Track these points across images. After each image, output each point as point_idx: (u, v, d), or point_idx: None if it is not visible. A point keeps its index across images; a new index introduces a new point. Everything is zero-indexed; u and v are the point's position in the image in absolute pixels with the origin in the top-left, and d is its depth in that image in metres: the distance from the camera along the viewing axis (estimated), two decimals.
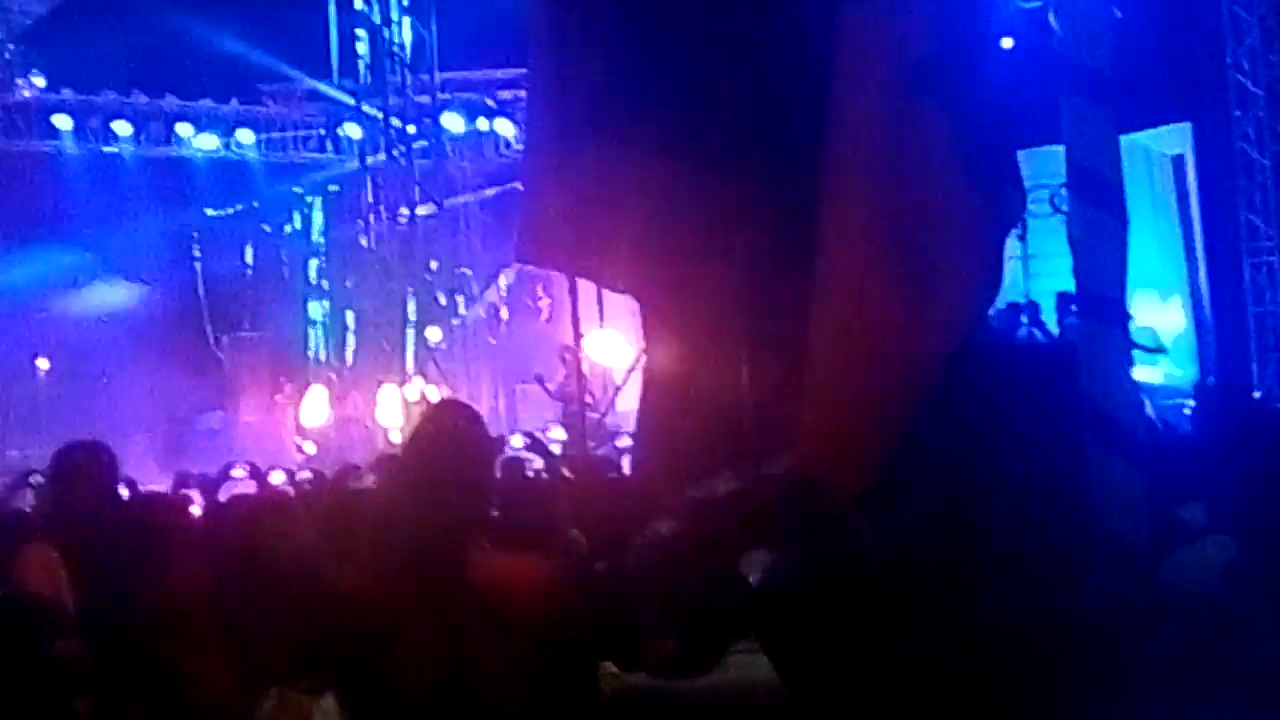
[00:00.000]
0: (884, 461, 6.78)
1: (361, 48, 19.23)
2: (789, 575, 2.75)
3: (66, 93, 20.17)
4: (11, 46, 19.13)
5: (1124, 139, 5.39)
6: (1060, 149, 5.30)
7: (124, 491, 6.19)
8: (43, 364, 21.72)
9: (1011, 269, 10.05)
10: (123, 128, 20.49)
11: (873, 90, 7.00)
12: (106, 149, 20.63)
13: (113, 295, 21.79)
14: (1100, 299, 5.13)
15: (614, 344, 17.83)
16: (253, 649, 3.21)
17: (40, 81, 19.82)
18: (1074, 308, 6.00)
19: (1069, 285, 5.59)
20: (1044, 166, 8.67)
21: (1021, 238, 12.79)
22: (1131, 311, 5.42)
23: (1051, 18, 8.05)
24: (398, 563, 4.04)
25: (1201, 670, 3.28)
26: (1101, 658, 2.43)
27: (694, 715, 3.67)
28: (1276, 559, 3.64)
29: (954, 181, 7.08)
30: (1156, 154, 15.30)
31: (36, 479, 6.01)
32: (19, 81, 19.64)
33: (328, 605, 3.39)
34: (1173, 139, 15.29)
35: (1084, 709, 2.36)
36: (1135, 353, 6.07)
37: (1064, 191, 5.44)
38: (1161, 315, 14.85)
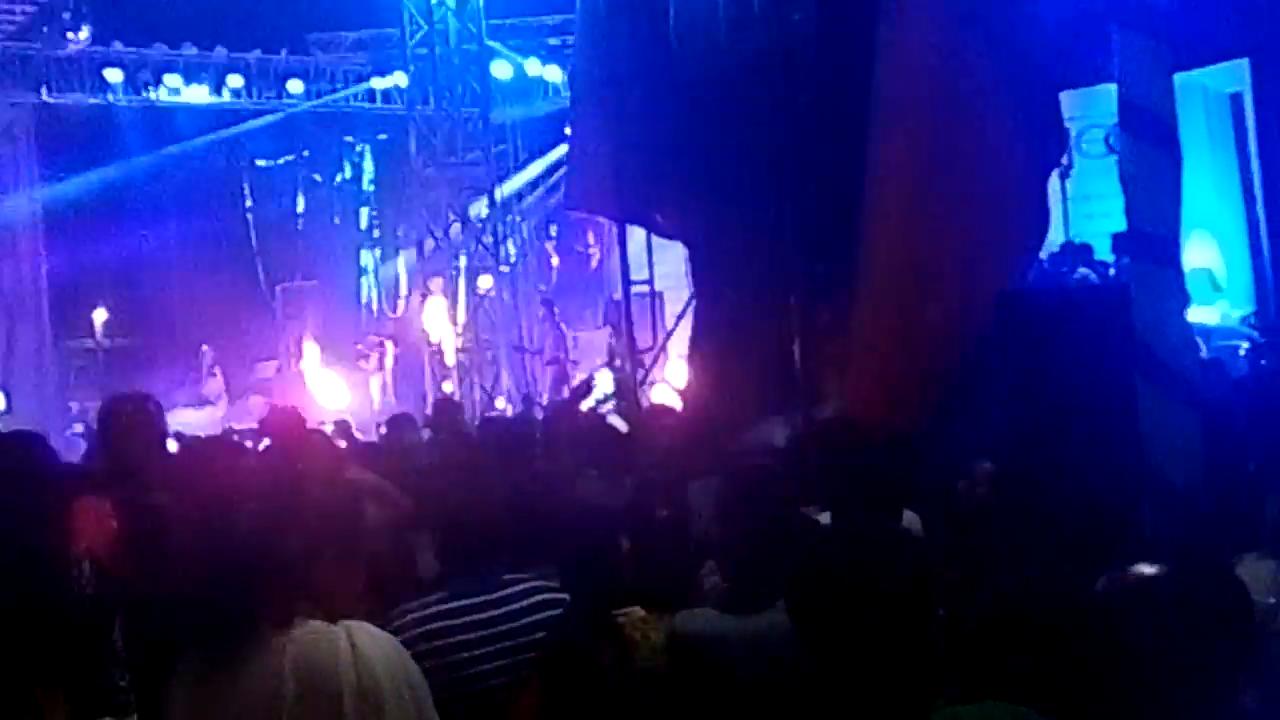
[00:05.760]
0: (933, 404, 6.75)
1: None
2: (824, 556, 2.75)
3: (117, 45, 20.20)
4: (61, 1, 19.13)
5: (1180, 77, 5.29)
6: (1114, 88, 5.21)
7: (172, 445, 6.22)
8: (100, 315, 21.89)
9: (1054, 211, 9.93)
10: (173, 80, 20.53)
11: (917, 26, 6.92)
12: (157, 101, 20.65)
13: (166, 248, 21.91)
14: (1152, 237, 5.05)
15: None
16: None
17: (88, 35, 19.81)
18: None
19: (1124, 226, 5.51)
20: (1098, 106, 8.55)
21: (1064, 178, 12.62)
22: (1187, 252, 5.33)
23: None
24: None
25: None
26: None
27: (746, 653, 3.70)
28: None
29: (997, 121, 7.01)
30: (1213, 92, 15.04)
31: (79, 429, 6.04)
32: (69, 35, 19.65)
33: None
34: (1230, 76, 14.99)
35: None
36: (1191, 293, 5.98)
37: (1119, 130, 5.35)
38: (1218, 255, 14.65)
